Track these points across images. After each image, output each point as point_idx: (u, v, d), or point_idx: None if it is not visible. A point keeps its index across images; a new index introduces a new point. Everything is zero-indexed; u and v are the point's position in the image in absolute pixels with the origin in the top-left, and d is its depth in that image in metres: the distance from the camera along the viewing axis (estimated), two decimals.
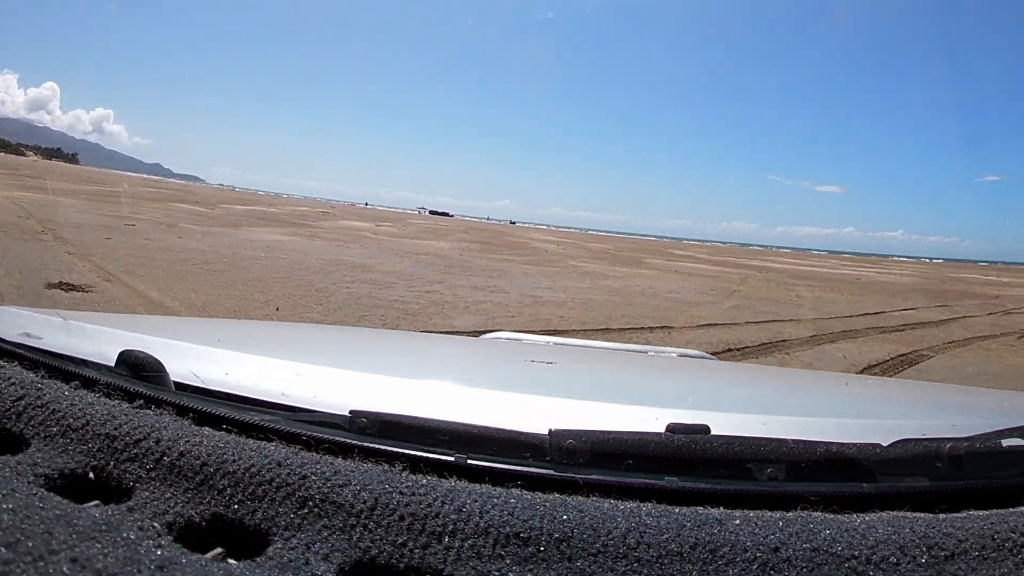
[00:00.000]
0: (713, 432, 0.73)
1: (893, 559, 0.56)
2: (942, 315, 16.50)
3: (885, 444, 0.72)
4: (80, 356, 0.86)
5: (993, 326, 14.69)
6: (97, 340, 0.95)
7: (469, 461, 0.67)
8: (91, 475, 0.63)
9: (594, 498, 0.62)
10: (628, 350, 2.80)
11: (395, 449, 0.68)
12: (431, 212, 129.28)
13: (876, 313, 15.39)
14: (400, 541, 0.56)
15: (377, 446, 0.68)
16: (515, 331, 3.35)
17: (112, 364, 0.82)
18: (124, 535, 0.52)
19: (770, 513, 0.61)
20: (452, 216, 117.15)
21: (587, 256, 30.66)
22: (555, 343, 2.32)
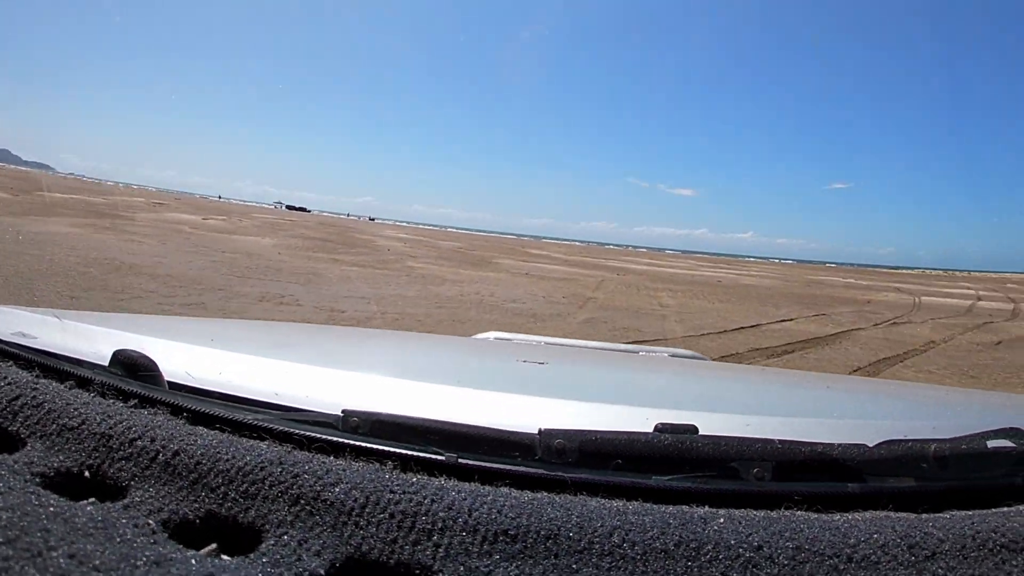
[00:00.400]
0: (701, 432, 0.74)
1: (874, 557, 0.58)
2: (825, 327, 14.67)
3: (871, 445, 0.73)
4: (74, 355, 0.85)
5: (890, 342, 13.02)
6: (91, 339, 0.95)
7: (459, 460, 0.68)
8: (87, 474, 0.63)
9: (581, 496, 0.64)
10: (619, 350, 2.82)
11: (386, 448, 0.69)
12: (288, 207, 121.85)
13: (752, 326, 13.65)
14: (391, 538, 0.57)
15: (368, 445, 0.69)
16: (506, 331, 3.02)
17: (106, 363, 0.81)
18: (120, 532, 0.53)
19: (754, 512, 0.63)
20: (309, 212, 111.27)
21: (432, 256, 27.65)
22: (546, 343, 2.30)
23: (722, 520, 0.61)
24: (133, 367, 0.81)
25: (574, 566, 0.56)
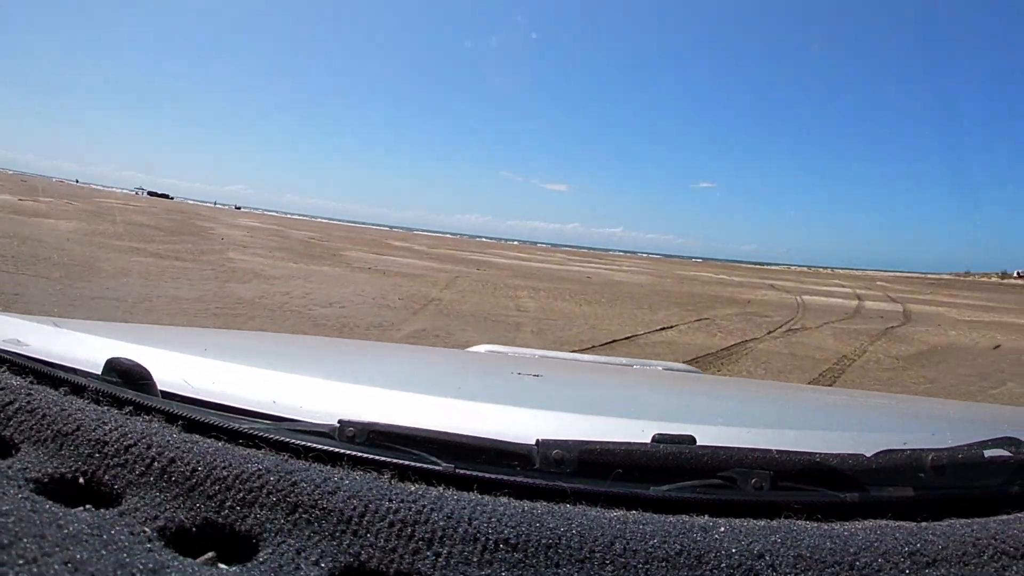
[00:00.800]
0: (699, 443, 0.75)
1: (875, 565, 0.58)
2: (714, 338, 12.30)
3: (868, 455, 0.73)
4: (68, 363, 0.83)
5: (797, 358, 10.82)
6: (85, 347, 0.92)
7: (457, 470, 0.68)
8: (81, 480, 0.61)
9: (581, 506, 0.64)
10: (613, 363, 2.77)
11: (383, 458, 0.69)
12: (150, 193, 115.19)
13: (627, 338, 11.22)
14: (390, 547, 0.57)
15: (365, 455, 0.69)
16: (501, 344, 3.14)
17: (99, 372, 0.79)
18: (116, 539, 0.53)
19: (754, 521, 0.63)
20: (172, 199, 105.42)
21: (268, 247, 23.56)
22: (541, 356, 2.28)
23: (723, 529, 0.61)
24: (127, 375, 0.79)
25: (575, 575, 0.56)
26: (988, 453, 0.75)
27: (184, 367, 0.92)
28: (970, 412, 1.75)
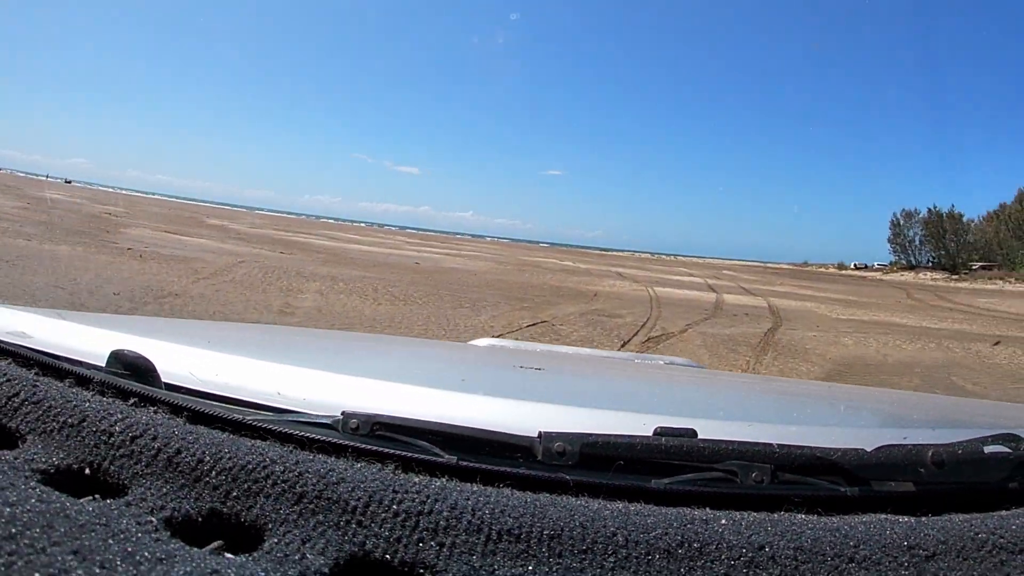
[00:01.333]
0: (700, 436, 0.75)
1: (875, 558, 0.59)
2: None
3: (869, 450, 0.74)
4: (72, 355, 0.84)
5: None
6: (89, 339, 0.93)
7: (460, 462, 0.69)
8: (87, 471, 0.62)
9: (583, 498, 0.65)
10: (615, 358, 2.90)
11: (387, 450, 0.69)
12: None
13: None
14: (395, 537, 0.57)
15: (369, 446, 0.70)
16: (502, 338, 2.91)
17: (103, 364, 0.80)
18: (123, 529, 0.53)
19: (755, 514, 0.64)
20: None
21: (35, 220, 18.69)
22: (542, 350, 2.41)
23: (724, 521, 0.62)
24: (131, 367, 0.80)
25: (578, 565, 0.57)
26: (988, 449, 0.75)
27: (188, 359, 0.92)
28: (971, 408, 1.82)
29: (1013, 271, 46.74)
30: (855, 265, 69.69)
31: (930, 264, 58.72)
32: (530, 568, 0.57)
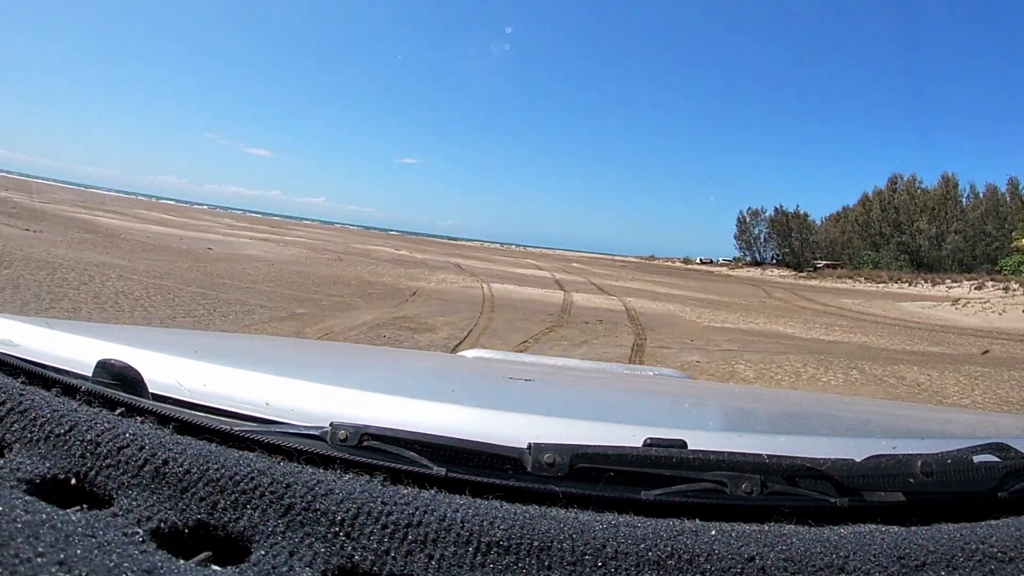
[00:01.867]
0: (689, 447, 0.75)
1: (865, 569, 0.59)
2: None
3: (858, 460, 0.74)
4: (59, 364, 0.83)
5: None
6: (76, 349, 0.92)
7: (450, 474, 0.69)
8: (73, 481, 0.62)
9: (573, 510, 0.65)
10: (605, 369, 2.77)
11: (376, 461, 0.69)
12: None
13: None
14: (383, 549, 0.57)
15: (358, 458, 0.69)
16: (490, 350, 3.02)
17: (90, 373, 0.79)
18: (109, 540, 0.53)
19: (745, 525, 0.64)
20: None
21: None
22: (532, 361, 2.33)
23: (713, 532, 0.62)
24: (119, 376, 0.79)
25: None
26: (977, 459, 0.75)
27: (175, 369, 0.91)
28: (960, 418, 1.78)
29: (858, 270, 47.66)
30: (700, 260, 70.34)
31: (774, 261, 59.59)
32: None
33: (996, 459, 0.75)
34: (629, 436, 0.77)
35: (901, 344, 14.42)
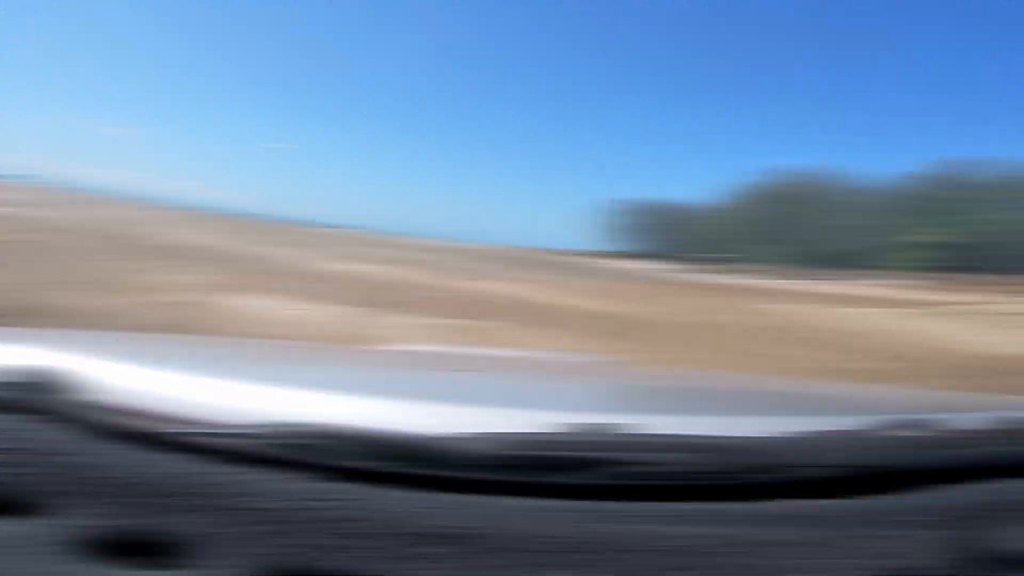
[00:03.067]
0: (619, 431, 0.74)
1: (792, 538, 0.61)
2: None
3: (787, 436, 0.74)
4: None
5: None
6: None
7: (380, 468, 0.69)
8: None
9: (501, 497, 0.66)
10: (532, 357, 2.57)
11: (307, 459, 0.69)
12: None
13: None
14: (318, 544, 0.58)
15: (289, 456, 0.69)
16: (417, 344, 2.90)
17: (8, 379, 0.76)
18: (40, 548, 0.52)
19: (672, 504, 0.66)
20: None
21: None
22: (464, 352, 2.29)
23: (641, 514, 0.63)
24: (36, 381, 0.76)
25: (495, 563, 0.58)
26: (900, 434, 0.76)
27: (99, 373, 0.86)
28: (889, 396, 1.80)
29: (746, 264, 45.31)
30: (569, 250, 66.78)
31: (649, 254, 57.31)
32: (445, 569, 0.58)
33: (915, 433, 0.77)
34: (559, 420, 0.78)
35: None
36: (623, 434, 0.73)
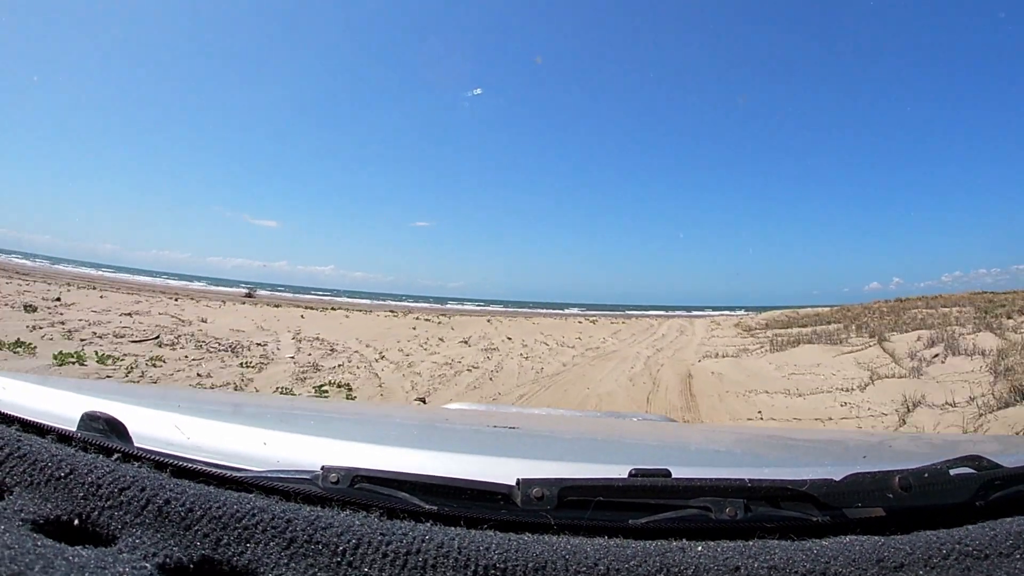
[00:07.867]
0: (674, 477, 0.76)
1: (846, 572, 0.61)
2: None
3: (837, 479, 0.75)
4: (42, 417, 0.82)
5: None
6: (60, 402, 0.93)
7: (442, 509, 0.70)
8: (76, 522, 0.62)
9: (565, 536, 0.66)
10: (589, 416, 2.78)
11: (369, 501, 0.70)
12: None
13: None
14: (385, 575, 0.59)
15: (351, 498, 0.70)
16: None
17: (74, 426, 0.79)
18: (119, 572, 0.54)
19: (729, 542, 0.66)
20: None
21: None
22: (515, 411, 2.33)
23: (700, 549, 0.64)
24: (108, 426, 0.80)
25: None
26: (954, 471, 0.76)
27: (158, 422, 0.91)
28: (935, 439, 1.86)
29: None
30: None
31: None
32: None
33: (972, 470, 0.77)
34: (615, 471, 0.78)
35: None
36: (679, 479, 0.74)
